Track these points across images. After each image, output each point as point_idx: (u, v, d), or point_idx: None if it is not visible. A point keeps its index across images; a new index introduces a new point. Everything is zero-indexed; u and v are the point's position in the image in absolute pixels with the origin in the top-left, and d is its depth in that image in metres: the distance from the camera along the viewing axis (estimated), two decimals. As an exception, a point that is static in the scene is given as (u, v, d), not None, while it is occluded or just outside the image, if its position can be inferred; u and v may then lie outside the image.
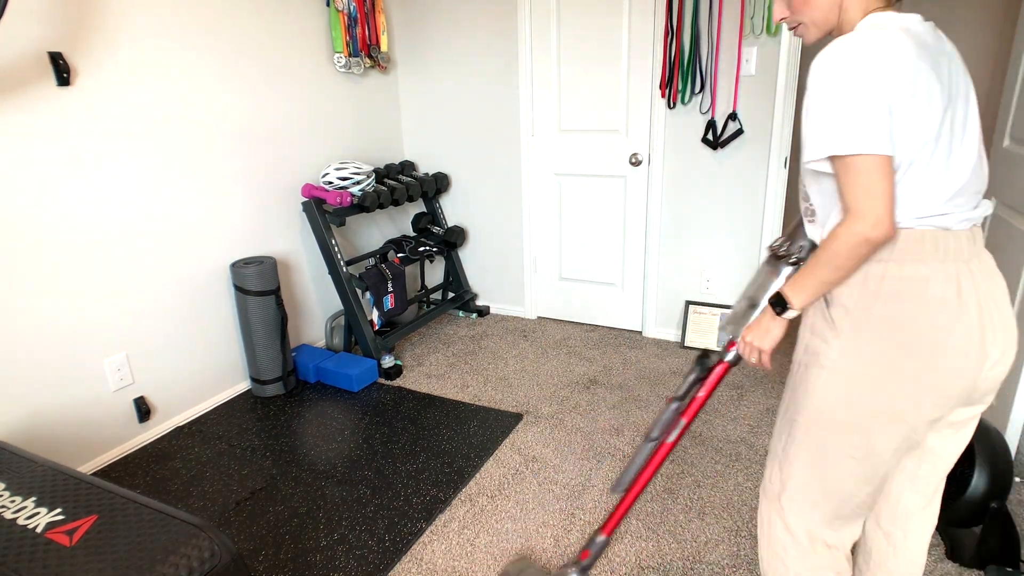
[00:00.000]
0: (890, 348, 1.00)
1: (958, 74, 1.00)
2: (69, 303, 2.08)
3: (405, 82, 3.41)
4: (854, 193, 0.95)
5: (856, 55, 0.93)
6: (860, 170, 0.94)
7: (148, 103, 2.23)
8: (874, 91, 0.92)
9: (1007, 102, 2.20)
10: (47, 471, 1.35)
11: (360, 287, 2.87)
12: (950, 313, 0.97)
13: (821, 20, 1.06)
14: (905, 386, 1.01)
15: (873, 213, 0.94)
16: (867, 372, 1.03)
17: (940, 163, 0.97)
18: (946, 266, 0.98)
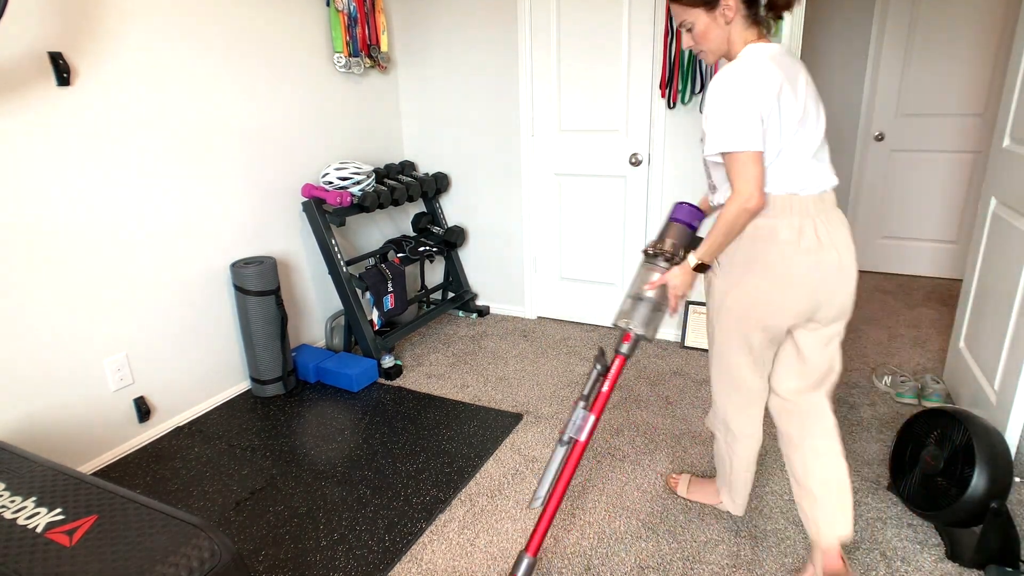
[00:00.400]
0: (754, 275, 1.43)
1: (808, 87, 1.40)
2: (69, 303, 2.08)
3: (405, 82, 3.41)
4: (736, 178, 1.35)
5: (738, 80, 1.33)
6: (740, 162, 1.33)
7: (148, 103, 2.23)
8: (750, 106, 1.31)
9: (1007, 102, 2.20)
10: (47, 471, 1.35)
11: (360, 287, 2.87)
12: (793, 250, 1.38)
13: (715, 49, 1.45)
14: (764, 300, 1.43)
15: (748, 192, 1.34)
16: (743, 293, 1.46)
17: (793, 152, 1.37)
18: (791, 219, 1.38)
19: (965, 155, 3.71)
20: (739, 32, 1.41)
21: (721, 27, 1.41)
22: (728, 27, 1.41)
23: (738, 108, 1.32)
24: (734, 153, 1.34)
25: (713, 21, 1.41)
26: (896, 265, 4.09)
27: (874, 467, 2.09)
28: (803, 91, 1.38)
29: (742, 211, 1.35)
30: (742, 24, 1.41)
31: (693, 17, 1.42)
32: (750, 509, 1.90)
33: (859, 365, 2.82)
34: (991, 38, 3.48)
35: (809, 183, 1.39)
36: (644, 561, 1.71)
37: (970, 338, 2.38)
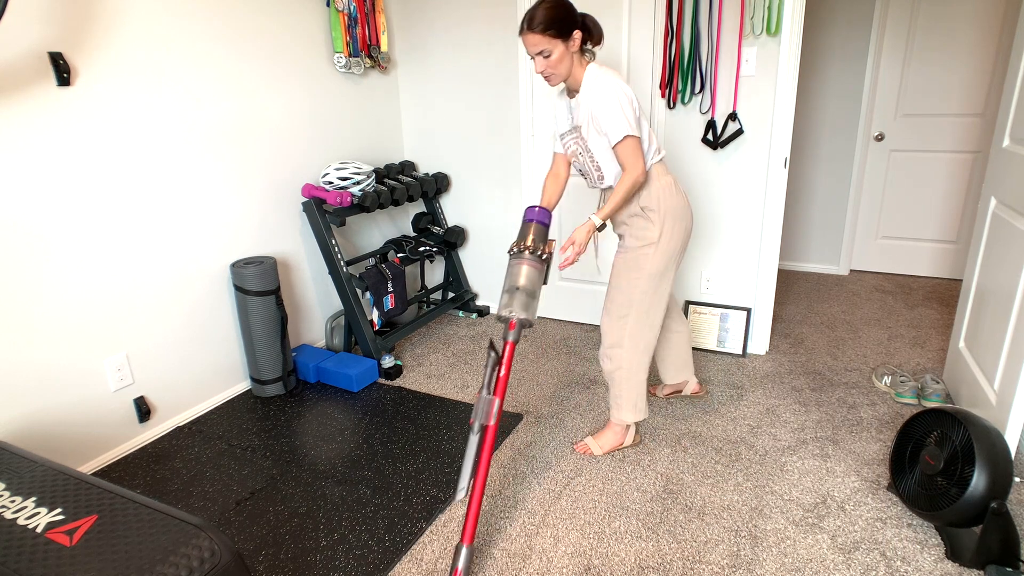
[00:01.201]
0: (678, 217, 1.96)
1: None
2: (69, 303, 2.08)
3: (405, 82, 3.41)
4: (628, 159, 1.83)
5: (618, 84, 1.80)
6: (630, 146, 1.81)
7: (148, 103, 2.23)
8: (632, 102, 1.82)
9: (1007, 102, 2.20)
10: (47, 471, 1.35)
11: (360, 287, 2.88)
12: (683, 194, 2.00)
13: (563, 74, 1.85)
14: (682, 238, 2.00)
15: (639, 168, 1.83)
16: (676, 236, 1.97)
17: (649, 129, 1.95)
18: (672, 177, 1.98)
19: (965, 155, 3.71)
20: (579, 58, 1.85)
21: (570, 55, 1.82)
22: (572, 56, 1.82)
23: (624, 101, 1.79)
24: (627, 138, 1.80)
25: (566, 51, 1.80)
26: (896, 265, 4.09)
27: (874, 467, 2.09)
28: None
29: (635, 183, 1.85)
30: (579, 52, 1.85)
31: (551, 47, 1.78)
32: (749, 508, 1.90)
33: (859, 365, 2.82)
34: (991, 38, 3.48)
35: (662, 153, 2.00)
36: (644, 561, 1.71)
37: (970, 338, 2.38)
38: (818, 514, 1.87)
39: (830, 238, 4.12)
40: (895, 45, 3.69)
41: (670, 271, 2.02)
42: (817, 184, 4.04)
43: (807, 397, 2.56)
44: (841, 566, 1.67)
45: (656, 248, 1.96)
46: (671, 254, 1.99)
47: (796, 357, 2.92)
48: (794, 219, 4.19)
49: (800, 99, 3.93)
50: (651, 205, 1.93)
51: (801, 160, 4.04)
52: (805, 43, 3.81)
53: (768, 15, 2.52)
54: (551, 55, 1.78)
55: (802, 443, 2.24)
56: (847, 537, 1.77)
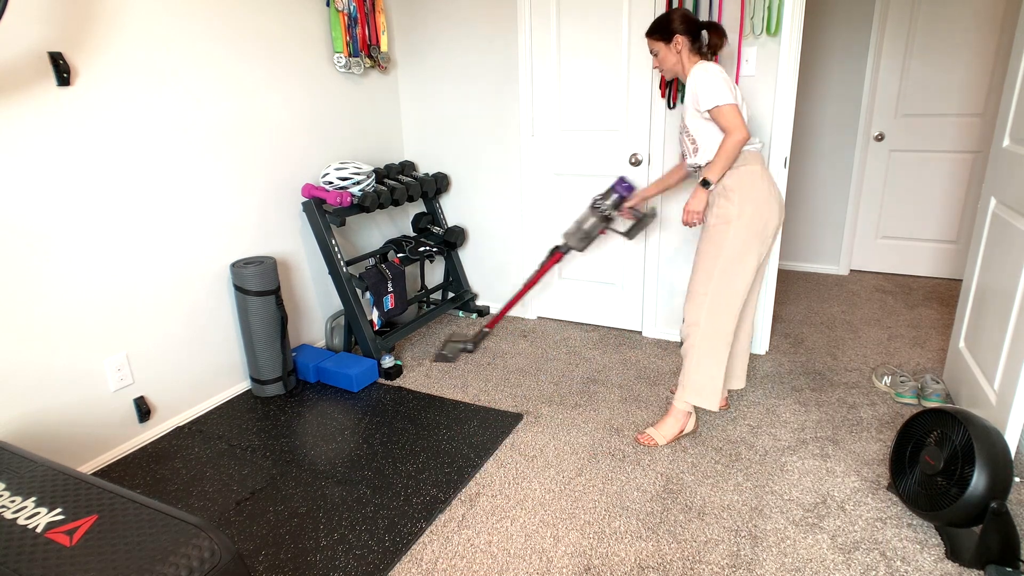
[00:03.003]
0: (758, 203, 2.05)
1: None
2: (69, 303, 2.08)
3: (405, 82, 3.41)
4: (729, 122, 1.99)
5: (716, 68, 2.02)
6: (729, 112, 1.99)
7: (148, 103, 2.23)
8: (723, 79, 1.99)
9: (1007, 102, 2.20)
10: (47, 471, 1.35)
11: (360, 287, 2.88)
12: (771, 183, 2.08)
13: (671, 70, 2.17)
14: (762, 223, 2.06)
15: (741, 130, 1.98)
16: (758, 216, 2.06)
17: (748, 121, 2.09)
18: (763, 166, 2.08)
19: (965, 155, 3.71)
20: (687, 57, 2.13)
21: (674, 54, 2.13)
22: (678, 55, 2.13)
23: (720, 80, 2.00)
24: (722, 106, 1.99)
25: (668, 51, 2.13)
26: (896, 265, 4.09)
27: (874, 467, 2.09)
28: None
29: (739, 141, 1.99)
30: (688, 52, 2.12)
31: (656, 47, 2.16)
32: (749, 508, 1.90)
33: (859, 365, 2.82)
34: (991, 38, 3.48)
35: (756, 145, 2.10)
36: (644, 561, 1.71)
37: (970, 338, 2.38)
38: (818, 514, 1.87)
39: (830, 238, 4.12)
40: (895, 45, 3.69)
41: (748, 257, 2.08)
42: (817, 184, 4.04)
43: (807, 397, 2.56)
44: (841, 566, 1.67)
45: (732, 227, 2.06)
46: (748, 236, 2.06)
47: (796, 357, 2.92)
48: (794, 219, 4.19)
49: (800, 99, 3.93)
50: (732, 185, 2.06)
51: (801, 160, 4.04)
52: (805, 43, 3.81)
53: (768, 15, 2.52)
54: (657, 54, 2.17)
55: (802, 443, 2.24)
56: (847, 537, 1.77)
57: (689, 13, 2.13)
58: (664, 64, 2.18)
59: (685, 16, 2.12)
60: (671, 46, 2.13)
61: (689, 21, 2.11)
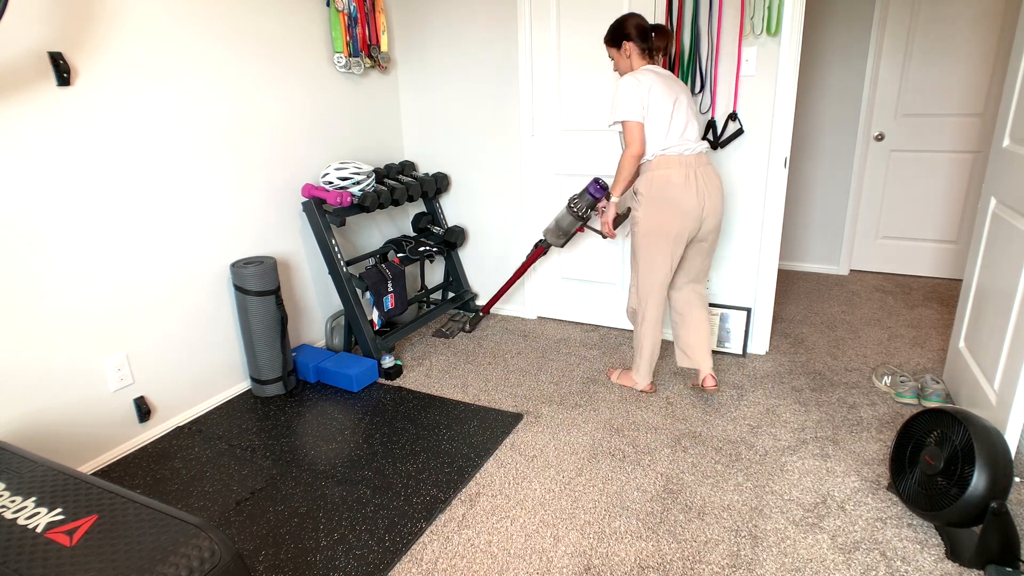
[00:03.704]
0: (658, 205, 2.26)
1: (678, 89, 2.27)
2: (69, 303, 2.08)
3: (405, 82, 3.41)
4: (626, 137, 2.25)
5: (630, 78, 2.21)
6: (626, 128, 2.24)
7: (148, 103, 2.23)
8: (632, 94, 2.20)
9: (1007, 102, 2.20)
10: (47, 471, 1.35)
11: (360, 287, 2.88)
12: (682, 187, 2.24)
13: (624, 72, 2.33)
14: (665, 221, 2.27)
15: (630, 147, 2.23)
16: (651, 218, 2.29)
17: (668, 127, 2.23)
18: (681, 168, 2.24)
19: (965, 155, 3.71)
20: (636, 61, 2.31)
21: (624, 59, 2.32)
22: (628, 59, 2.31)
23: (627, 95, 2.20)
24: (621, 122, 2.24)
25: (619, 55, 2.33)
26: (896, 265, 4.09)
27: (874, 467, 2.09)
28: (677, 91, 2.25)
29: (629, 156, 2.24)
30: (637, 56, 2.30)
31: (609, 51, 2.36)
32: (749, 508, 1.90)
33: (859, 365, 2.82)
34: (991, 38, 3.48)
35: (684, 147, 2.24)
36: (644, 561, 1.71)
37: (970, 338, 2.38)
38: (818, 514, 1.87)
39: (830, 238, 4.12)
40: (895, 45, 3.69)
41: (655, 254, 2.34)
42: (817, 184, 4.04)
43: (807, 397, 2.56)
44: (841, 566, 1.67)
45: (638, 227, 2.35)
46: (650, 236, 2.32)
47: (796, 357, 2.92)
48: (794, 219, 4.19)
49: (800, 99, 3.93)
50: (639, 188, 2.32)
51: (801, 160, 4.04)
52: (805, 43, 3.81)
53: (768, 15, 2.52)
54: (612, 59, 2.37)
55: (802, 443, 2.24)
56: (847, 537, 1.77)
57: (640, 19, 2.27)
58: (618, 68, 2.35)
59: (634, 22, 2.27)
60: (621, 52, 2.30)
61: (638, 27, 2.26)
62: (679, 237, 2.29)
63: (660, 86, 2.21)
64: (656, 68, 2.29)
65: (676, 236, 2.28)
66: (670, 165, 2.23)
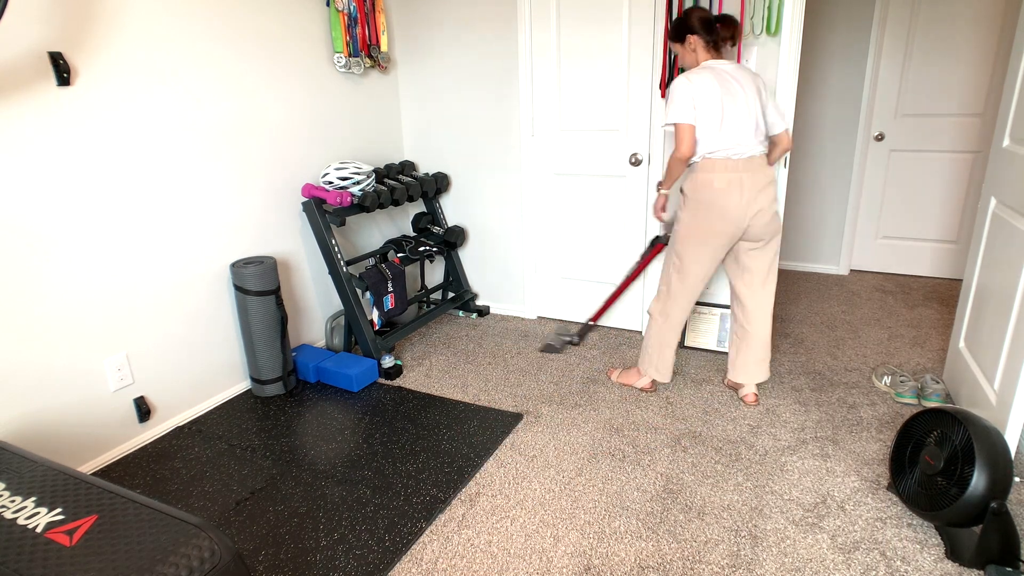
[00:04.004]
0: (699, 208, 2.24)
1: (743, 84, 2.19)
2: (69, 303, 2.08)
3: (405, 82, 3.41)
4: (675, 139, 2.20)
5: (683, 80, 2.16)
6: (676, 131, 2.19)
7: (148, 103, 2.23)
8: (683, 98, 2.15)
9: (1007, 102, 2.20)
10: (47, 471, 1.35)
11: (360, 287, 2.88)
12: (723, 192, 2.19)
13: (690, 66, 2.28)
14: (705, 225, 2.25)
15: (678, 148, 2.19)
16: (693, 220, 2.27)
17: (718, 129, 2.16)
18: (725, 173, 2.19)
19: (965, 155, 3.71)
20: (702, 54, 2.25)
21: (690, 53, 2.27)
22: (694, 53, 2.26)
23: (680, 98, 2.16)
24: (671, 124, 2.21)
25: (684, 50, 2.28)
26: (896, 265, 4.09)
27: (874, 467, 2.09)
28: (736, 87, 2.17)
29: (676, 158, 2.22)
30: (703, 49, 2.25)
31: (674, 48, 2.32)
32: (749, 508, 1.90)
33: (859, 365, 2.82)
34: (991, 38, 3.48)
35: (737, 150, 2.18)
36: (644, 561, 1.71)
37: (970, 338, 2.38)
38: (818, 514, 1.87)
39: (830, 238, 4.12)
40: (895, 45, 3.69)
41: (693, 257, 2.32)
42: (817, 184, 4.04)
43: (807, 397, 2.56)
44: (841, 566, 1.67)
45: (679, 226, 2.34)
46: (689, 238, 2.30)
47: (796, 357, 2.92)
48: (794, 219, 4.19)
49: (800, 99, 3.93)
50: (685, 190, 2.30)
51: (801, 160, 4.04)
52: (805, 43, 3.81)
53: (768, 15, 2.52)
54: (677, 55, 2.33)
55: (802, 443, 2.24)
56: (847, 537, 1.77)
57: (704, 11, 2.21)
58: (684, 63, 2.32)
59: (697, 14, 2.21)
60: (686, 46, 2.26)
61: (702, 19, 2.21)
62: (719, 242, 2.25)
63: (715, 85, 2.13)
64: (718, 63, 2.20)
65: (716, 241, 2.25)
66: (714, 169, 2.19)
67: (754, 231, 2.26)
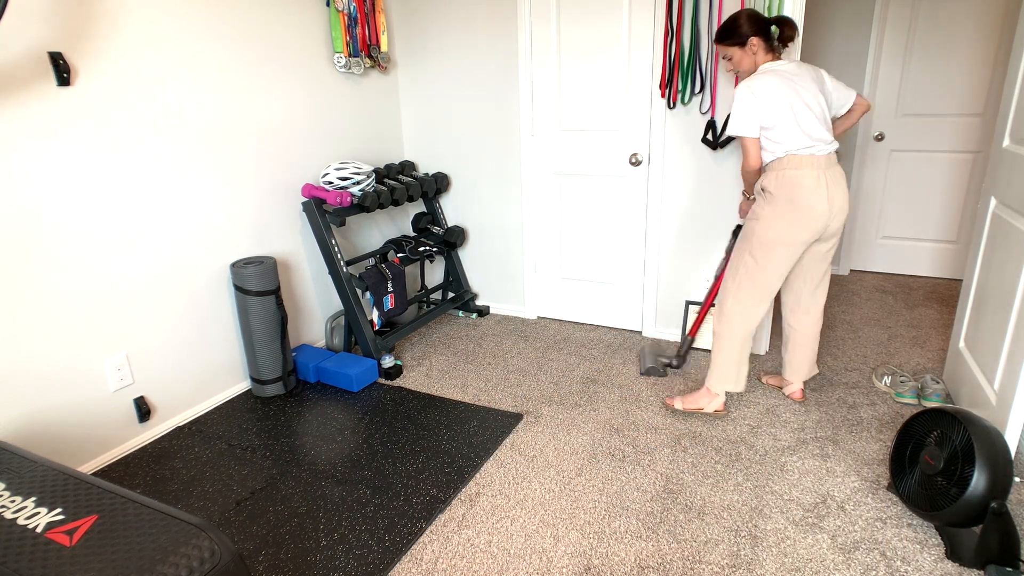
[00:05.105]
0: (785, 206, 2.13)
1: (806, 83, 2.11)
2: (69, 303, 2.08)
3: (405, 82, 3.41)
4: (743, 151, 2.19)
5: (746, 90, 2.11)
6: (742, 142, 2.18)
7: (148, 104, 2.23)
8: (748, 107, 2.11)
9: (1007, 102, 2.20)
10: (47, 471, 1.35)
11: (360, 287, 2.88)
12: (812, 190, 2.10)
13: (747, 70, 2.21)
14: (793, 223, 2.13)
15: (747, 160, 2.20)
16: (778, 217, 2.15)
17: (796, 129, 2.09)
18: (813, 170, 2.10)
19: (965, 155, 3.71)
20: (762, 56, 2.18)
21: (750, 56, 2.19)
22: (754, 56, 2.18)
23: (747, 109, 2.11)
24: (738, 137, 2.20)
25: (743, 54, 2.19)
26: (896, 265, 4.09)
27: (874, 467, 2.09)
28: (801, 88, 2.10)
29: (746, 171, 2.22)
30: (763, 52, 2.17)
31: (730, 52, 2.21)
32: (749, 508, 1.90)
33: (859, 365, 2.82)
34: (991, 38, 3.48)
35: (817, 148, 2.10)
36: (644, 561, 1.71)
37: (970, 338, 2.38)
38: (818, 514, 1.87)
39: (830, 238, 4.12)
40: (895, 45, 3.68)
41: (772, 257, 2.18)
42: (817, 184, 4.04)
43: (807, 397, 2.56)
44: (841, 566, 1.67)
45: (759, 225, 2.19)
46: (771, 237, 2.16)
47: (796, 357, 2.92)
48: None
49: (800, 99, 3.92)
50: (768, 187, 2.18)
51: (801, 160, 4.03)
52: (805, 43, 3.81)
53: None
54: (731, 58, 2.22)
55: (802, 443, 2.24)
56: (847, 537, 1.77)
57: (755, 12, 2.15)
58: (741, 67, 2.22)
59: (752, 16, 2.14)
60: (747, 49, 2.17)
61: (758, 20, 2.14)
62: (803, 239, 2.15)
63: (781, 88, 2.07)
64: (780, 65, 2.13)
65: (800, 239, 2.14)
66: (801, 165, 2.09)
67: (832, 229, 2.19)
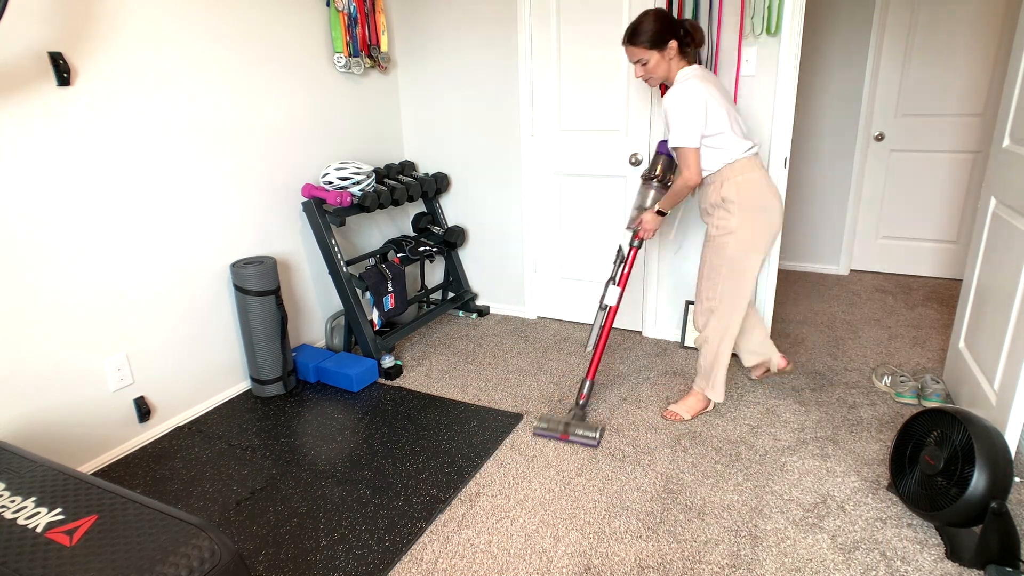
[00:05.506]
0: (756, 213, 2.12)
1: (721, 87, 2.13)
2: (69, 303, 2.08)
3: (405, 82, 3.41)
4: (682, 163, 2.11)
5: (685, 97, 2.03)
6: (683, 154, 2.10)
7: (148, 103, 2.23)
8: (694, 116, 2.04)
9: (1007, 102, 2.20)
10: (47, 471, 1.35)
11: (360, 287, 2.88)
12: (770, 189, 2.13)
13: (662, 78, 2.15)
14: (767, 227, 2.14)
15: (689, 173, 2.11)
16: (751, 227, 2.13)
17: (739, 133, 2.11)
18: (761, 170, 2.13)
19: (965, 155, 3.71)
20: (676, 62, 2.12)
21: (666, 61, 2.10)
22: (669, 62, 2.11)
23: (690, 116, 2.04)
24: (682, 148, 2.09)
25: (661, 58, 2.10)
26: (896, 265, 4.09)
27: (874, 467, 2.09)
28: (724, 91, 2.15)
29: (688, 185, 2.13)
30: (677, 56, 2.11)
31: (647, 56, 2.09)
32: (748, 508, 1.90)
33: (859, 365, 2.82)
34: (991, 38, 3.47)
35: (754, 148, 2.14)
36: (644, 561, 1.71)
37: (970, 338, 2.38)
38: (818, 514, 1.87)
39: (830, 238, 4.12)
40: (895, 45, 3.69)
41: (751, 264, 2.17)
42: (817, 184, 4.04)
43: (807, 397, 2.56)
44: (841, 566, 1.67)
45: (733, 237, 2.15)
46: (749, 245, 2.15)
47: (796, 357, 2.92)
48: (794, 219, 4.19)
49: (800, 99, 3.93)
50: (731, 197, 2.11)
51: (801, 160, 4.04)
52: (805, 43, 3.81)
53: (768, 15, 2.52)
54: (647, 62, 2.10)
55: (802, 443, 2.24)
56: (847, 537, 1.77)
57: (667, 13, 2.07)
58: (656, 72, 2.11)
59: (665, 16, 2.06)
60: (665, 53, 2.07)
61: (671, 21, 2.06)
62: (773, 241, 2.21)
63: (716, 93, 2.06)
64: (700, 69, 2.12)
65: (771, 239, 2.17)
66: (754, 168, 2.10)
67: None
